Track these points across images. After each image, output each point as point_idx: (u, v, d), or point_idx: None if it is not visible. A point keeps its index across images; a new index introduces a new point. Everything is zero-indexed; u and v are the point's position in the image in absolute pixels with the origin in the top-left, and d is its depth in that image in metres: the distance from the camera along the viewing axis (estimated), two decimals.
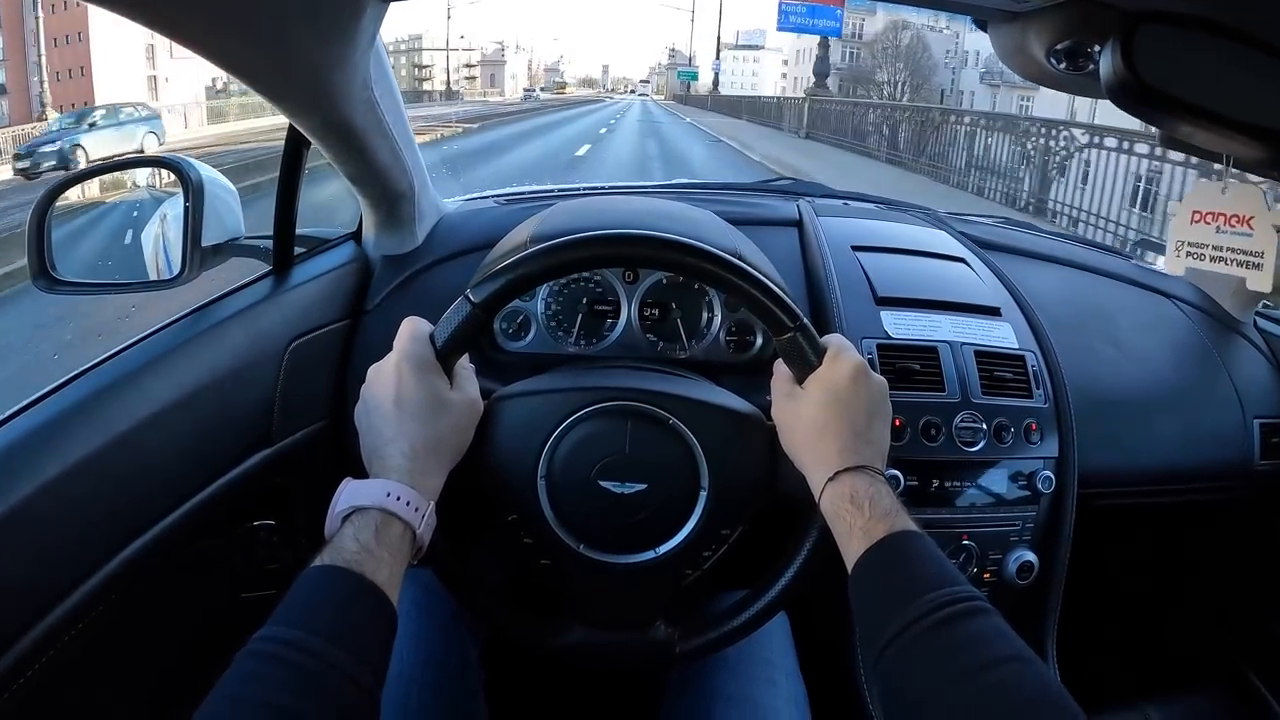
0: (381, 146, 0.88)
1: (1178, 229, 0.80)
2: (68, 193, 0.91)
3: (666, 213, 0.98)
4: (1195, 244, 0.79)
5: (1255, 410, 1.11)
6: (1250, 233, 0.76)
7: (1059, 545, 0.94)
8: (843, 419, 0.60)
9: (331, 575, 0.50)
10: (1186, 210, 0.79)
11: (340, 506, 0.55)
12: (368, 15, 0.65)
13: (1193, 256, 0.80)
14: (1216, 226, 0.78)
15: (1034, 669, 0.46)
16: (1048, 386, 0.95)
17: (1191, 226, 0.79)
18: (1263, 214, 0.75)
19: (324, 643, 0.46)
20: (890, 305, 0.98)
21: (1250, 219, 0.75)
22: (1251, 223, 0.75)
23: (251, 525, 0.94)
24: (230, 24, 0.56)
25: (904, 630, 0.49)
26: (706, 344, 0.93)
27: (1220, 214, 0.77)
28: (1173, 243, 0.81)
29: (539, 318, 0.94)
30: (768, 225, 1.12)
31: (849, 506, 0.56)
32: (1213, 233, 0.78)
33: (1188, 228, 0.79)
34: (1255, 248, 0.76)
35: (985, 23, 0.80)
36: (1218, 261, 0.78)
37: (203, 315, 0.84)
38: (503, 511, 0.67)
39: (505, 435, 0.66)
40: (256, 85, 0.66)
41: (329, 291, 0.96)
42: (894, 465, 0.88)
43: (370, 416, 0.60)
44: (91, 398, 0.70)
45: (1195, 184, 0.80)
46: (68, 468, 0.64)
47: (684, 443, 0.66)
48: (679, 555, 0.67)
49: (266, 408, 0.88)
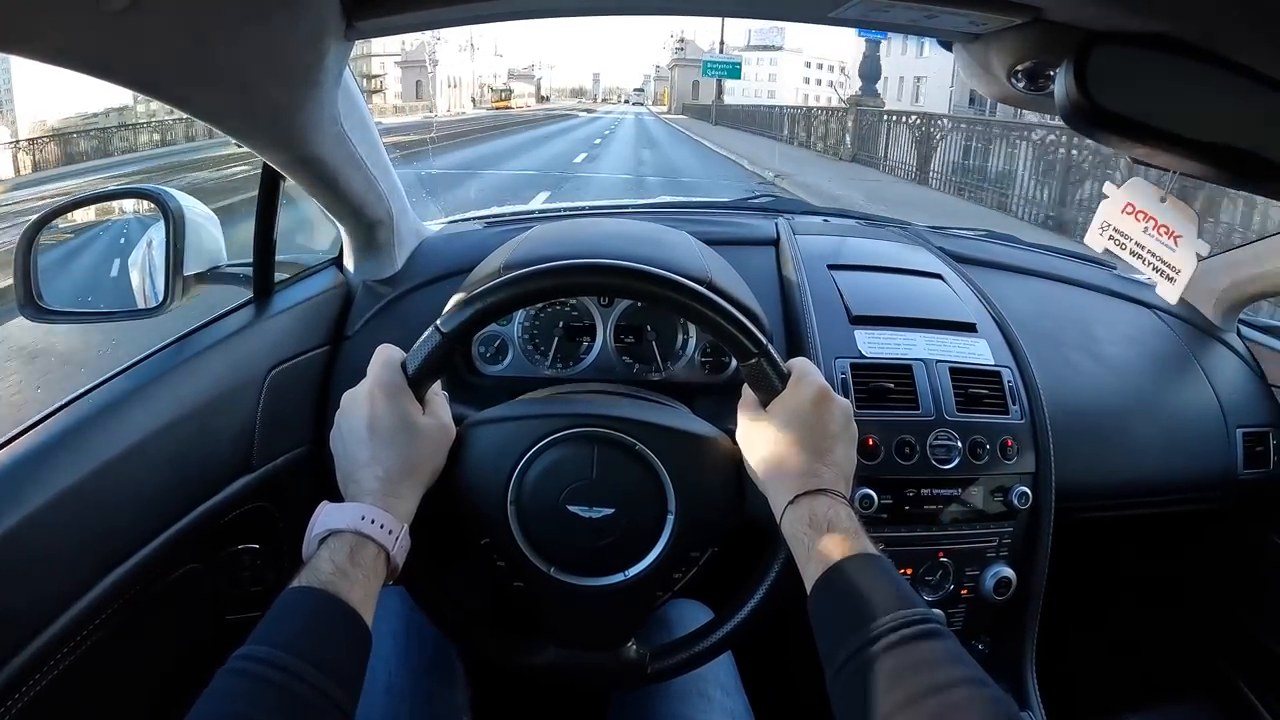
0: (355, 177, 0.89)
1: (1108, 211, 0.81)
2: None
3: (641, 237, 0.99)
4: (1120, 231, 0.80)
5: (1238, 419, 1.11)
6: (1174, 248, 0.77)
7: (1037, 560, 0.94)
8: (804, 443, 0.61)
9: (307, 596, 0.51)
10: (1121, 199, 0.80)
11: (316, 530, 0.56)
12: (331, 55, 0.66)
13: (1114, 242, 0.81)
14: (1145, 227, 0.78)
15: (986, 691, 0.47)
16: (1024, 402, 0.95)
17: (1122, 215, 0.80)
18: (1191, 237, 0.76)
19: (299, 661, 0.47)
20: (865, 324, 0.99)
21: (1178, 236, 0.76)
22: (1178, 240, 0.76)
23: (235, 549, 0.95)
24: (194, 73, 0.58)
25: (857, 653, 0.50)
26: (681, 366, 0.94)
27: (1152, 217, 0.78)
28: (1099, 221, 0.82)
29: (516, 341, 0.94)
30: (745, 245, 1.13)
31: (807, 529, 0.57)
32: (1140, 230, 0.79)
33: (1118, 215, 0.80)
34: (1174, 263, 0.77)
35: (950, 44, 0.81)
36: (1136, 257, 0.80)
37: (185, 344, 0.85)
38: (476, 535, 0.68)
39: (476, 460, 0.67)
40: (222, 127, 0.68)
41: (310, 317, 0.98)
42: (869, 484, 0.89)
43: (345, 442, 0.62)
44: (75, 427, 0.71)
45: (1135, 180, 0.80)
46: (53, 497, 0.66)
47: (650, 468, 0.67)
48: (649, 577, 0.67)
49: (248, 433, 0.89)
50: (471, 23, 0.70)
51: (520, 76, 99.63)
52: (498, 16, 0.70)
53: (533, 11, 0.70)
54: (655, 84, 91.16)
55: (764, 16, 0.83)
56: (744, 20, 44.69)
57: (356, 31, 0.66)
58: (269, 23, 0.56)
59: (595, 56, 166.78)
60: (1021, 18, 0.67)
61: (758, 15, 0.78)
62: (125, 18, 0.47)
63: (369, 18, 0.63)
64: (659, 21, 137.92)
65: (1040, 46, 0.70)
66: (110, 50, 0.51)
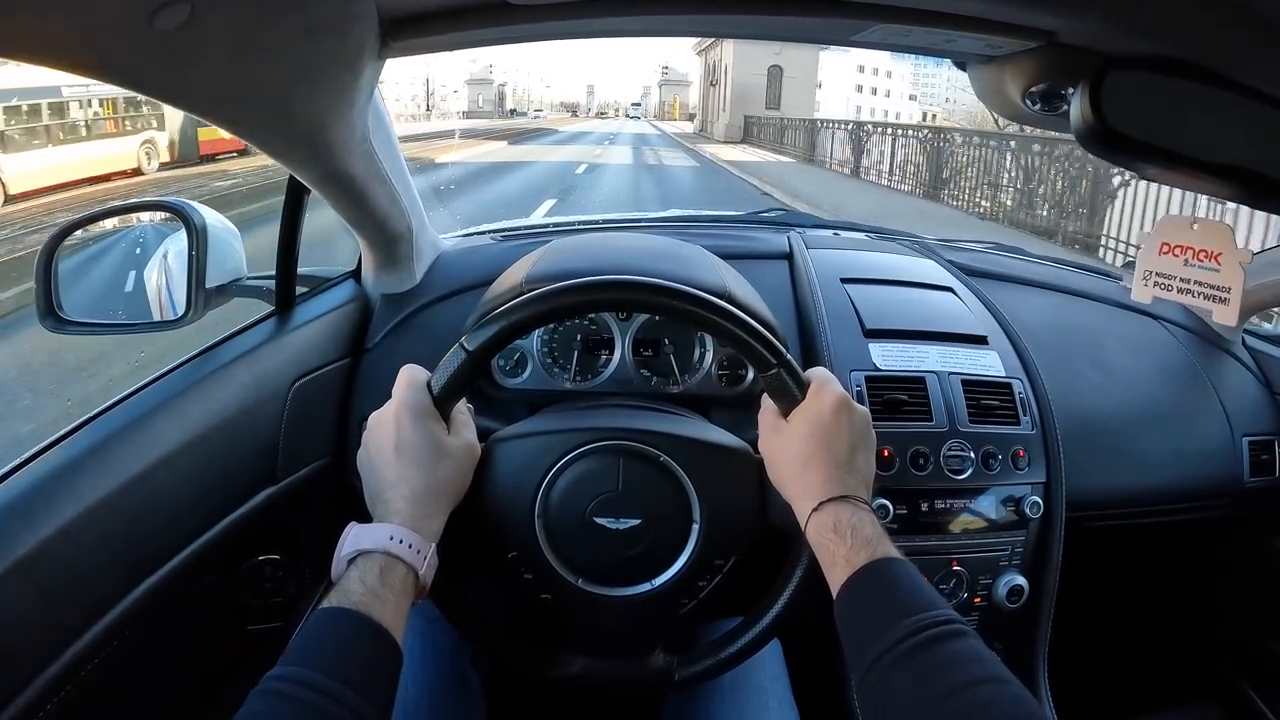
0: (380, 192, 0.90)
1: (1145, 258, 0.81)
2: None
3: (659, 251, 1.01)
4: (1163, 274, 0.80)
5: (1244, 428, 1.13)
6: (1217, 268, 0.77)
7: (1048, 568, 0.96)
8: (826, 451, 0.62)
9: (339, 617, 0.52)
10: (1155, 241, 0.81)
11: (345, 550, 0.57)
12: (367, 73, 0.67)
13: (1160, 287, 0.81)
14: (1185, 259, 0.79)
15: (1009, 689, 0.48)
16: (1035, 413, 0.97)
17: (1160, 258, 0.80)
18: (1230, 251, 0.76)
19: (332, 681, 0.48)
20: (878, 337, 1.00)
21: (1218, 255, 0.77)
22: (1219, 258, 0.77)
23: (257, 560, 0.96)
24: (236, 91, 0.59)
25: (884, 654, 0.51)
26: (698, 378, 0.95)
27: (1189, 247, 0.78)
28: (1140, 271, 0.82)
29: (535, 355, 0.96)
30: (758, 259, 1.15)
31: (833, 536, 0.58)
32: (1181, 265, 0.79)
33: (1156, 258, 0.80)
34: (1222, 283, 0.77)
35: (965, 65, 0.83)
36: (1185, 294, 0.79)
37: (209, 357, 0.86)
38: (503, 549, 0.69)
39: (502, 477, 0.68)
40: (257, 142, 0.69)
41: (330, 331, 0.99)
42: (883, 494, 0.90)
43: (372, 462, 0.63)
44: (103, 442, 0.72)
45: (1164, 217, 0.81)
46: (82, 511, 0.67)
47: (675, 478, 0.68)
48: (675, 586, 0.69)
49: (271, 446, 0.90)
50: (502, 43, 0.72)
51: (478, 82, 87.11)
52: (527, 37, 0.72)
53: (561, 33, 0.72)
54: (663, 90, 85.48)
55: (787, 39, 0.84)
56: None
57: (390, 51, 0.68)
58: (313, 43, 0.58)
59: (590, 69, 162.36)
60: (1037, 41, 0.69)
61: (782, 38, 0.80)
62: (176, 37, 0.48)
63: (405, 39, 0.65)
64: (650, 41, 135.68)
65: (1054, 69, 0.72)
66: (157, 68, 0.52)
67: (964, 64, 0.83)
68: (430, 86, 65.30)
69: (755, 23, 0.76)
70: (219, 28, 0.50)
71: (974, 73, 0.82)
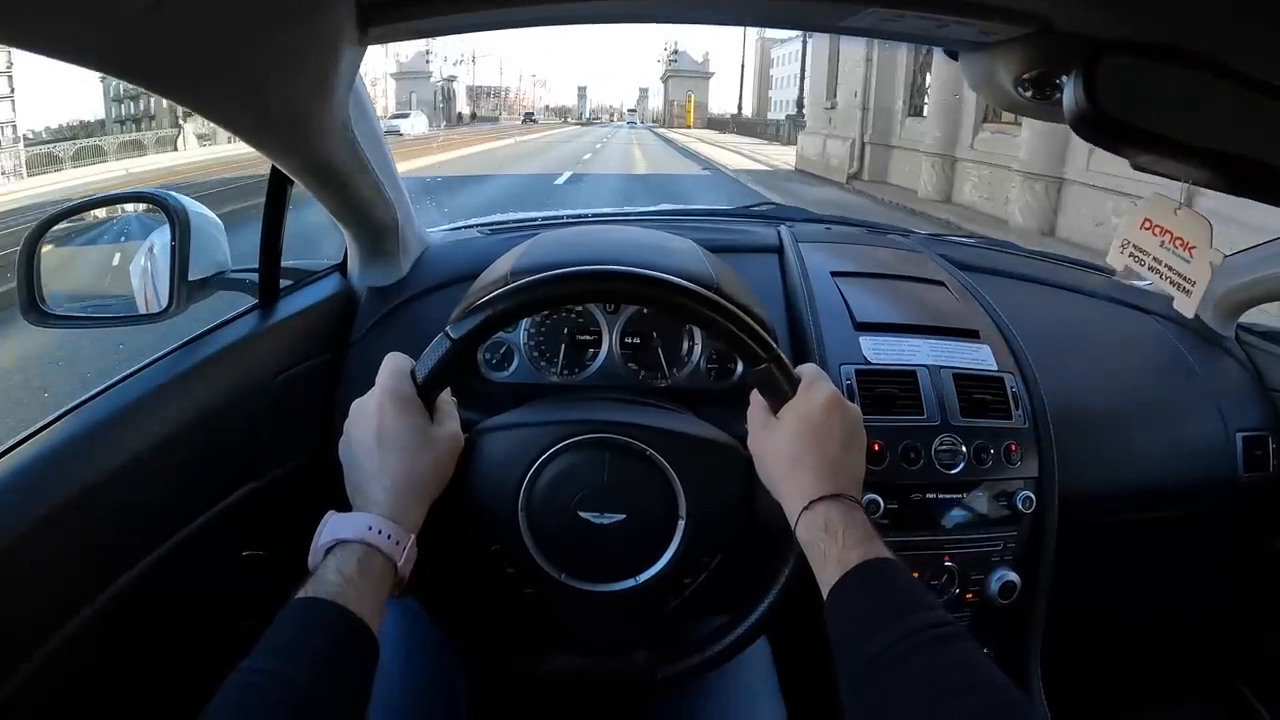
0: (364, 183, 0.89)
1: (1127, 229, 0.83)
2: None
3: (647, 243, 0.99)
4: (1139, 248, 0.83)
5: (1237, 423, 1.12)
6: (1189, 259, 0.78)
7: (1041, 564, 0.95)
8: (816, 449, 0.61)
9: (314, 607, 0.51)
10: (1140, 215, 0.82)
11: (323, 539, 0.56)
12: (345, 59, 0.66)
13: (1134, 259, 0.84)
14: (1162, 241, 0.80)
15: (1004, 694, 0.47)
16: (1027, 407, 0.96)
17: (1140, 231, 0.82)
18: (1204, 247, 0.77)
19: (306, 673, 0.47)
20: (869, 331, 0.99)
21: (1193, 247, 0.78)
22: (1193, 250, 0.78)
23: (240, 555, 0.94)
24: (210, 76, 0.58)
25: (878, 656, 0.50)
26: (687, 372, 0.94)
27: (1168, 231, 0.80)
28: (1119, 239, 0.84)
29: (522, 348, 0.94)
30: (749, 252, 1.14)
31: (823, 535, 0.57)
32: (1157, 245, 0.81)
33: (1137, 231, 0.83)
34: (1190, 274, 0.79)
35: (956, 53, 0.82)
36: (1154, 272, 0.82)
37: (191, 350, 0.85)
38: (486, 542, 0.68)
39: (486, 468, 0.67)
40: (236, 130, 0.68)
41: (315, 324, 0.98)
42: (874, 489, 0.89)
43: (353, 452, 0.61)
44: (83, 433, 0.71)
45: (1154, 194, 0.82)
46: (61, 503, 0.66)
47: (661, 473, 0.67)
48: (660, 583, 0.68)
49: (255, 440, 0.88)
50: (484, 29, 0.70)
51: (408, 76, 68.77)
52: (510, 23, 0.70)
53: (544, 18, 0.71)
54: (669, 85, 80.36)
55: (775, 26, 0.83)
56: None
57: (370, 37, 0.66)
58: (286, 28, 0.56)
59: (583, 72, 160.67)
60: (1030, 28, 0.68)
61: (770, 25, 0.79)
62: (144, 20, 0.47)
63: (384, 23, 0.63)
64: (650, 34, 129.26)
65: (1048, 56, 0.71)
66: (128, 51, 0.51)
67: (955, 53, 0.82)
68: None
69: (742, 6, 0.74)
70: (187, 10, 0.49)
71: (965, 61, 0.81)
